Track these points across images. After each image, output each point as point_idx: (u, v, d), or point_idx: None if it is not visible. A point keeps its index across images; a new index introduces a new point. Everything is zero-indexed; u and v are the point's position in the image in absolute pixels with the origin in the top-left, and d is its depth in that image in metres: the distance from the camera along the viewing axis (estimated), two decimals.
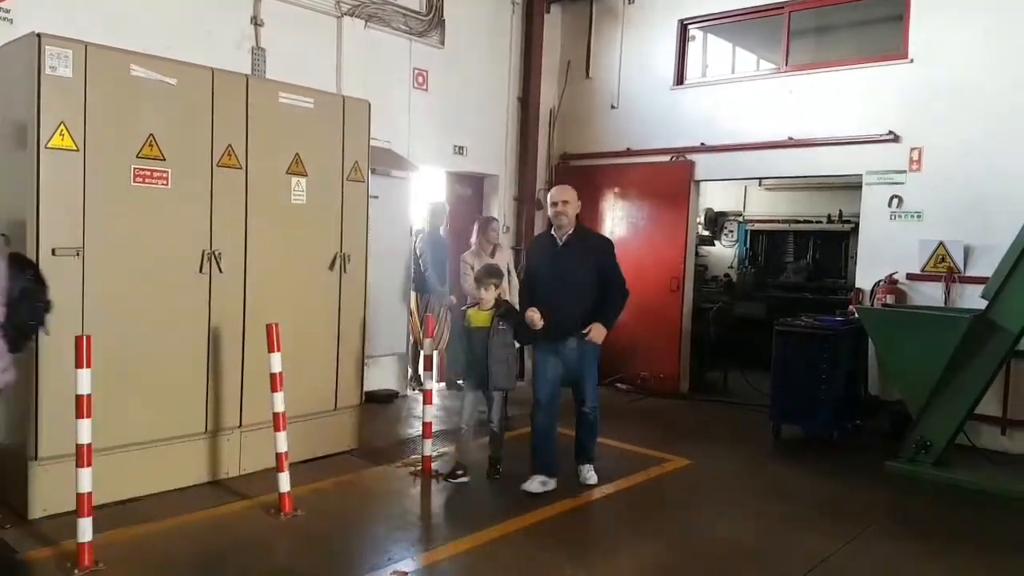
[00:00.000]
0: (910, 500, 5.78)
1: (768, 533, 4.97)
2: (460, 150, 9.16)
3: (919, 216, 7.48)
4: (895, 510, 5.53)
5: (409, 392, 8.46)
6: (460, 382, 6.64)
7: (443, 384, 8.58)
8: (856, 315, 7.14)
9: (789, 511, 5.39)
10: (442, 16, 8.74)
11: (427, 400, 5.95)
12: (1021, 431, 6.91)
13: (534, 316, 5.34)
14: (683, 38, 9.37)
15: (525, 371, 8.22)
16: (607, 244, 5.78)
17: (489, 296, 5.60)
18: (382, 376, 8.19)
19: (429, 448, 5.87)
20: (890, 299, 7.40)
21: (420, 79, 8.60)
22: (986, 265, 6.66)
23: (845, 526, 5.05)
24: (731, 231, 12.70)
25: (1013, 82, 6.97)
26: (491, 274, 5.72)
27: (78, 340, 4.05)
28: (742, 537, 4.88)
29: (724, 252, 12.68)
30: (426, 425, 5.89)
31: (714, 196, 12.13)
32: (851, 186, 8.49)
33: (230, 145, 5.31)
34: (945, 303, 7.20)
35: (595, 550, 4.61)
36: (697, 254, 10.31)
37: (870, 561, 4.58)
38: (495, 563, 4.41)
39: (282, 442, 4.94)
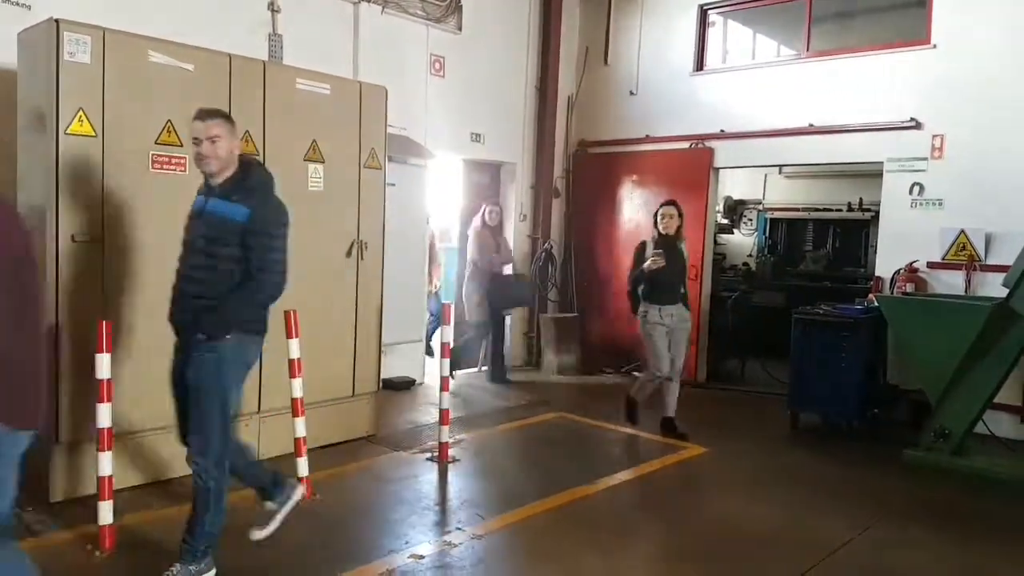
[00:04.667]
0: (928, 488, 5.73)
1: (784, 520, 4.95)
2: (477, 137, 9.14)
3: (940, 204, 7.40)
4: (912, 498, 5.49)
5: (426, 380, 8.49)
6: None
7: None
8: (875, 303, 7.09)
9: (806, 499, 5.37)
10: (459, 1, 8.70)
11: (444, 387, 5.96)
12: None
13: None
14: (703, 24, 9.28)
15: None
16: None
17: None
18: (400, 363, 8.20)
19: (446, 435, 5.89)
20: (910, 287, 7.33)
21: (437, 65, 8.58)
22: (1008, 253, 6.57)
23: (862, 514, 5.03)
24: (750, 219, 12.60)
25: None
26: None
27: (98, 325, 4.09)
28: (758, 524, 4.87)
29: (743, 241, 12.59)
30: (443, 412, 5.90)
31: (733, 184, 12.06)
32: (872, 174, 8.39)
33: (247, 131, 5.30)
34: (966, 291, 7.12)
35: (612, 535, 4.61)
36: (716, 242, 10.26)
37: (887, 548, 4.56)
38: (512, 547, 4.44)
39: (300, 427, 4.97)
